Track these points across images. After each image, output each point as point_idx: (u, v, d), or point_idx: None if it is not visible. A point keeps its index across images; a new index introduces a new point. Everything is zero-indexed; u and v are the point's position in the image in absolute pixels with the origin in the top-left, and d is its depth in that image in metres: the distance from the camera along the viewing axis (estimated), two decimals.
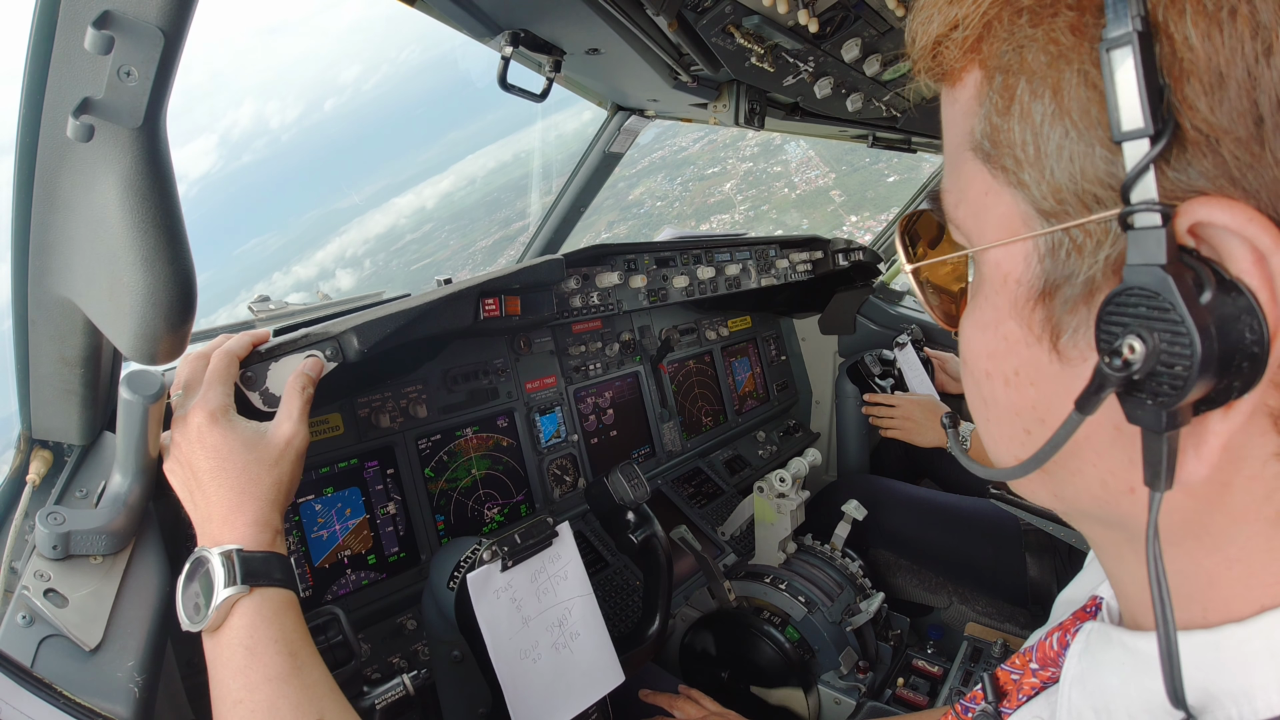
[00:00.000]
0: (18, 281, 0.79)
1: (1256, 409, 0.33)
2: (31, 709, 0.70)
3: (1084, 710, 0.48)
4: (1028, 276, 0.38)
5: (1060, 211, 0.35)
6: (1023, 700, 0.62)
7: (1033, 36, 0.34)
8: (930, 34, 0.39)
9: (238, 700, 0.74)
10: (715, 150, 50.66)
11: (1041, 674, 0.61)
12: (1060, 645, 0.59)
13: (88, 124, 0.62)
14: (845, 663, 1.58)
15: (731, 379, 2.57)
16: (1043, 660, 0.62)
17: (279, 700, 0.74)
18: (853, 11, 1.48)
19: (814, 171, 42.23)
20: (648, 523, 1.40)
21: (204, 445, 0.83)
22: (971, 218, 0.41)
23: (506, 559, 1.07)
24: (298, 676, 0.76)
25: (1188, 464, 0.34)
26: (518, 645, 1.07)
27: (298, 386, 0.93)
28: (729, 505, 2.14)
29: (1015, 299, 0.39)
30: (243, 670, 0.74)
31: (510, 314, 1.46)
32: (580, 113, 2.03)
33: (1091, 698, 0.47)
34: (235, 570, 0.76)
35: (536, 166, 2.45)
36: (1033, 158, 0.35)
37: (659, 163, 53.75)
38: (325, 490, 1.40)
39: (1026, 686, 0.62)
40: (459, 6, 1.19)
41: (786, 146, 45.43)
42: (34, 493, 0.90)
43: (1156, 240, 0.30)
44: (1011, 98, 0.36)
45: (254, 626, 0.76)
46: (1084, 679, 0.49)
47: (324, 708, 0.76)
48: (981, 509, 1.98)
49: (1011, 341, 0.41)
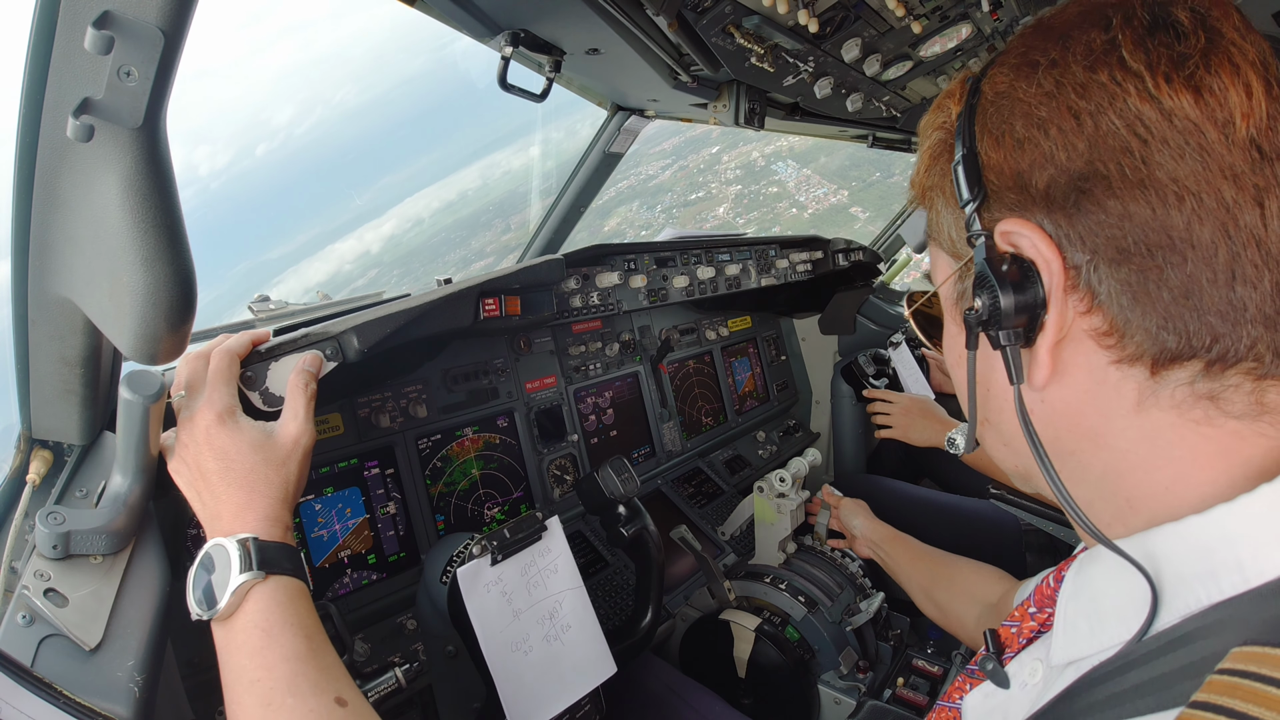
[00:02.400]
0: (18, 281, 0.79)
1: (1078, 334, 0.54)
2: (31, 709, 0.70)
3: (1077, 619, 0.59)
4: (953, 294, 0.64)
5: (957, 254, 0.62)
6: (1022, 644, 0.71)
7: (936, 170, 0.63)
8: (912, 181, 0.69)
9: (254, 680, 0.73)
10: (690, 175, 48.38)
11: (1039, 616, 0.70)
12: (1056, 582, 0.70)
13: (88, 124, 0.62)
14: (845, 662, 1.58)
15: (731, 379, 2.58)
16: (1040, 601, 0.71)
17: (298, 678, 0.74)
18: (853, 11, 1.48)
19: (819, 189, 40.23)
20: (638, 516, 1.40)
21: (212, 446, 0.83)
22: (935, 275, 0.69)
23: (496, 553, 1.08)
24: (315, 658, 0.76)
25: (1035, 371, 0.56)
26: (509, 638, 1.07)
27: (300, 384, 0.93)
28: (729, 505, 2.14)
29: (950, 310, 0.66)
30: (260, 650, 0.75)
31: (510, 314, 1.46)
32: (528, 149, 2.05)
33: (1084, 606, 0.59)
34: (251, 557, 0.77)
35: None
36: (942, 230, 0.64)
37: (628, 192, 51.63)
38: (325, 490, 1.40)
39: (1025, 631, 0.71)
40: (459, 6, 1.19)
41: (773, 166, 43.75)
42: (34, 492, 0.90)
43: (982, 248, 0.56)
44: (933, 202, 0.65)
45: (269, 610, 0.77)
46: (1077, 594, 0.61)
47: (341, 689, 0.76)
48: (981, 509, 1.98)
49: (953, 335, 0.66)
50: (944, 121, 0.62)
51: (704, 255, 2.19)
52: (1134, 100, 0.49)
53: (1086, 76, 0.50)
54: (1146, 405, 0.52)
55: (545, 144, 2.02)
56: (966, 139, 0.57)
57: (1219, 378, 0.50)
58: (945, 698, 0.78)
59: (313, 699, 0.73)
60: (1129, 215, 0.49)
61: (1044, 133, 0.52)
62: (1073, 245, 0.52)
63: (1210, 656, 0.43)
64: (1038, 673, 0.65)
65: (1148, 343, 0.51)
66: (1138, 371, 0.52)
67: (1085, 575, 0.62)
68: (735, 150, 47.81)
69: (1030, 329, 0.54)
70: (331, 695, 0.74)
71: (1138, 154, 0.49)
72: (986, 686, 0.71)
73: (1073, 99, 0.51)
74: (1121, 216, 0.50)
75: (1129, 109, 0.49)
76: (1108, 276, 0.51)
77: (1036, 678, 0.65)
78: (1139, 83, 0.48)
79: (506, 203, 35.57)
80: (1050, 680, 0.61)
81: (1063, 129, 0.51)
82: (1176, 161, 0.48)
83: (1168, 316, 0.50)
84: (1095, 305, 0.52)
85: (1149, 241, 0.49)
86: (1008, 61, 0.56)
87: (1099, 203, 0.50)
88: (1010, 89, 0.54)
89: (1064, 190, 0.52)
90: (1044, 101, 0.52)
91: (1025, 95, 0.53)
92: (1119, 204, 0.50)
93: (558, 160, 2.11)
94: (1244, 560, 0.47)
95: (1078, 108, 0.50)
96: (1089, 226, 0.51)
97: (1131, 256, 0.50)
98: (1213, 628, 0.46)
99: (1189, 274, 0.49)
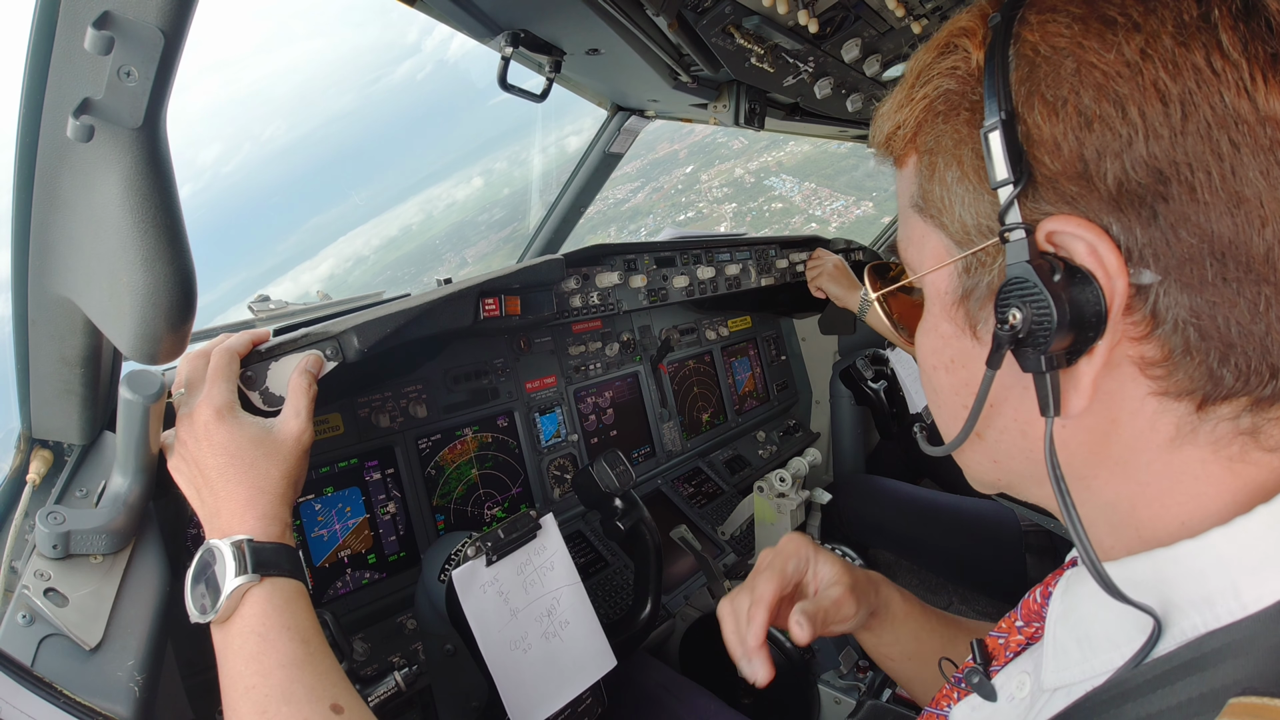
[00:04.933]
0: (18, 281, 0.79)
1: (1120, 359, 0.46)
2: (32, 708, 0.70)
3: (1068, 643, 0.56)
4: (952, 288, 0.53)
5: (968, 241, 0.50)
6: (1009, 658, 0.68)
7: (945, 130, 0.51)
8: (884, 130, 0.57)
9: (250, 686, 0.73)
10: (669, 197, 46.12)
11: (1026, 630, 0.67)
12: (1044, 597, 0.67)
13: (88, 124, 0.62)
14: (845, 662, 1.58)
15: (731, 379, 2.57)
16: (1027, 616, 0.68)
17: (293, 685, 0.73)
18: (853, 12, 1.48)
19: (835, 202, 38.68)
20: (635, 508, 1.41)
21: (211, 442, 0.83)
22: (915, 254, 0.57)
23: (490, 554, 1.08)
24: (311, 664, 0.75)
25: (1070, 399, 0.47)
26: (507, 637, 1.07)
27: (303, 384, 0.93)
28: (729, 505, 2.14)
29: (945, 305, 0.54)
30: (255, 656, 0.74)
31: (510, 314, 1.46)
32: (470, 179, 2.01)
33: (1073, 629, 0.56)
34: (246, 559, 0.76)
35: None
36: (948, 207, 0.51)
37: (598, 218, 49.53)
38: (325, 490, 1.41)
39: (1012, 644, 0.68)
40: (459, 7, 1.19)
41: (766, 182, 42.12)
42: (34, 492, 0.90)
43: (1023, 246, 0.45)
44: (934, 169, 0.52)
45: (266, 614, 0.76)
46: (1066, 615, 0.58)
47: (338, 695, 0.75)
48: (981, 509, 1.98)
49: (946, 337, 0.55)
50: (956, 67, 0.50)
51: (704, 255, 2.19)
52: (1231, 94, 0.40)
53: (1180, 52, 0.41)
54: (1183, 442, 0.46)
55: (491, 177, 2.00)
56: (1005, 99, 0.45)
57: (1265, 412, 0.45)
58: (933, 704, 0.76)
59: (307, 707, 0.72)
60: (1212, 233, 0.41)
61: (1122, 113, 0.42)
62: (1143, 260, 0.43)
63: (1209, 694, 0.41)
64: (1025, 686, 0.63)
65: (1203, 378, 0.44)
66: (1181, 406, 0.45)
67: (1075, 596, 0.58)
68: (713, 169, 46.34)
69: (1073, 352, 0.46)
70: (327, 702, 0.73)
71: (1228, 160, 0.41)
72: (974, 699, 0.69)
73: (1162, 76, 0.41)
74: (1204, 233, 0.42)
75: (1225, 104, 0.40)
76: (1178, 302, 0.43)
77: (1024, 691, 0.63)
78: (1238, 74, 0.40)
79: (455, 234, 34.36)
80: (1038, 701, 0.59)
81: (1146, 112, 0.41)
82: (1264, 176, 0.41)
83: (1230, 351, 0.43)
84: (1154, 333, 0.44)
85: (1227, 266, 0.42)
86: (1065, 8, 0.45)
87: (1179, 212, 0.42)
88: (1074, 47, 0.44)
89: (1139, 190, 0.42)
90: (1125, 72, 0.42)
91: (1099, 60, 0.43)
92: (1202, 217, 0.41)
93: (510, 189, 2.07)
94: (1240, 586, 0.44)
95: (1167, 89, 0.41)
96: (1165, 239, 0.42)
97: (1208, 282, 0.42)
98: (1210, 658, 0.43)
99: (1261, 308, 0.42)
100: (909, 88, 0.54)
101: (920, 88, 0.53)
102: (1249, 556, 0.44)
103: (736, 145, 45.16)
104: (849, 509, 2.14)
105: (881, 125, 0.57)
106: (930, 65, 0.52)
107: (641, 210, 48.01)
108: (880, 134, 0.58)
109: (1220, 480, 0.46)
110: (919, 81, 0.53)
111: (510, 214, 9.58)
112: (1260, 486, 0.45)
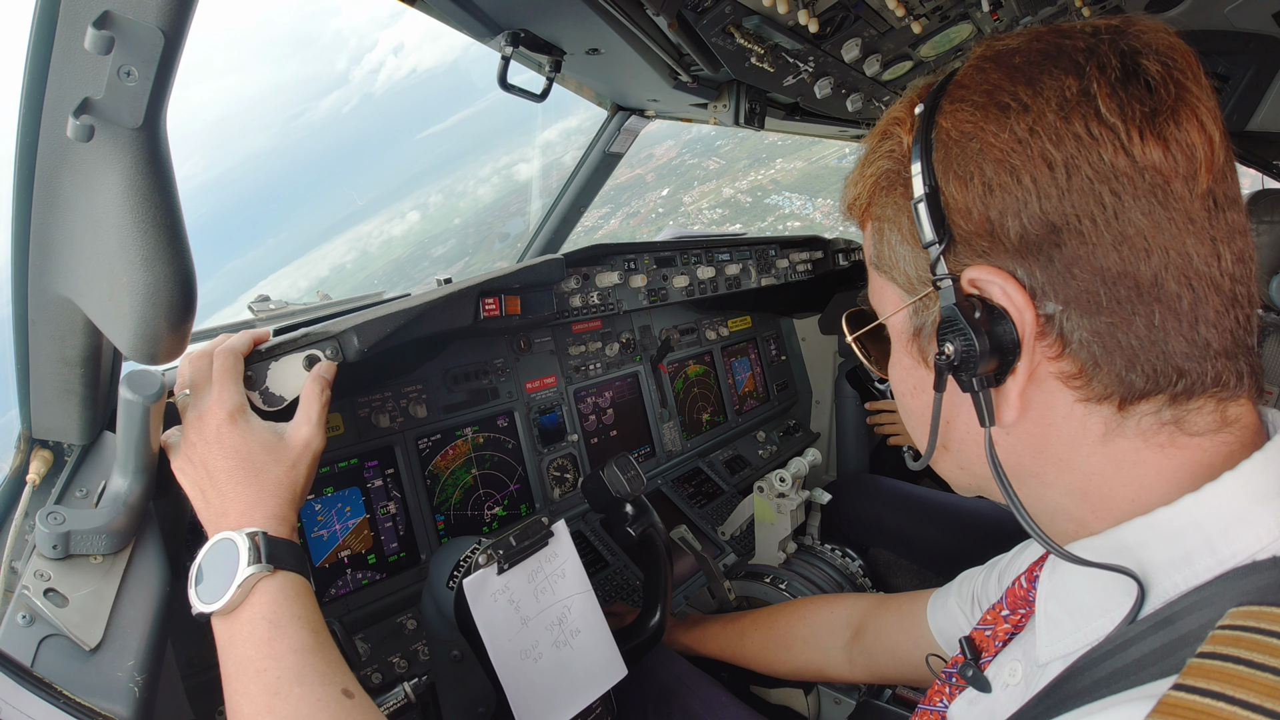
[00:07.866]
0: (18, 281, 0.79)
1: (1045, 375, 0.55)
2: (32, 708, 0.70)
3: (1059, 617, 0.62)
4: (907, 328, 0.64)
5: (913, 289, 0.62)
6: (998, 648, 0.72)
7: (887, 202, 0.62)
8: (847, 200, 0.69)
9: (260, 670, 0.73)
10: (648, 221, 45.20)
11: (1012, 618, 0.72)
12: (1029, 582, 0.72)
13: (88, 124, 0.62)
14: None
15: (731, 379, 2.58)
16: (1014, 603, 0.73)
17: (305, 669, 0.73)
18: (853, 12, 1.48)
19: None
20: (646, 514, 1.39)
21: (222, 445, 0.83)
22: (878, 302, 0.69)
23: (502, 562, 1.06)
24: (321, 651, 0.76)
25: (1004, 411, 0.57)
26: (518, 646, 1.06)
27: (316, 390, 0.94)
28: (729, 505, 2.14)
29: (904, 342, 0.66)
30: (267, 641, 0.74)
31: (510, 314, 1.46)
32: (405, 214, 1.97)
33: (1064, 602, 0.62)
34: (260, 550, 0.77)
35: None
36: (895, 263, 0.63)
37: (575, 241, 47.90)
38: (325, 490, 1.40)
39: (1000, 634, 0.72)
40: (459, 7, 1.19)
41: (766, 200, 41.21)
42: (34, 492, 0.90)
43: (950, 292, 0.55)
44: (882, 234, 0.63)
45: (277, 603, 0.76)
46: (1055, 592, 0.64)
47: (348, 682, 0.76)
48: (981, 509, 1.98)
49: (908, 368, 0.66)
50: (893, 150, 0.61)
51: (704, 255, 2.19)
52: (1109, 153, 0.49)
53: (1061, 125, 0.50)
54: (1112, 436, 0.54)
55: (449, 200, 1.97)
56: (928, 176, 0.55)
57: (1183, 406, 0.52)
58: (926, 700, 0.79)
59: (320, 689, 0.73)
60: (1101, 267, 0.50)
61: (1017, 180, 0.51)
62: (1045, 295, 0.53)
63: (1207, 624, 0.46)
64: (1017, 673, 0.67)
65: (1115, 384, 0.52)
66: (1105, 408, 0.54)
67: (1061, 573, 0.64)
68: (693, 190, 45.47)
69: (1000, 373, 0.56)
70: (339, 687, 0.74)
71: (1110, 207, 0.49)
72: (970, 693, 0.72)
73: (1047, 147, 0.50)
74: (1094, 268, 0.50)
75: (1104, 162, 0.49)
76: (1079, 325, 0.52)
77: (1017, 678, 0.67)
78: (1114, 135, 0.48)
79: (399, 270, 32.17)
80: (1032, 678, 0.63)
81: (1036, 178, 0.50)
82: (1146, 215, 0.49)
83: (1135, 360, 0.51)
84: (1066, 351, 0.53)
85: (1119, 292, 0.50)
86: (969, 99, 0.54)
87: (1072, 254, 0.51)
88: (977, 130, 0.53)
89: (1036, 240, 0.52)
90: (1016, 148, 0.51)
91: (996, 139, 0.52)
92: (1091, 255, 0.50)
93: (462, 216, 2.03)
94: (1214, 541, 0.50)
95: (1052, 157, 0.50)
96: (1061, 277, 0.52)
97: (1103, 307, 0.51)
98: (1180, 613, 0.49)
99: (1156, 322, 0.50)
100: (861, 166, 0.66)
101: (868, 167, 0.64)
102: (1219, 514, 0.50)
103: (712, 165, 44.45)
104: (849, 508, 2.14)
105: (846, 195, 0.69)
106: (874, 149, 0.64)
107: (617, 236, 47.32)
108: (845, 202, 0.69)
109: (1156, 464, 0.54)
110: (866, 162, 0.65)
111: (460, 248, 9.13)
112: (1197, 464, 0.53)
